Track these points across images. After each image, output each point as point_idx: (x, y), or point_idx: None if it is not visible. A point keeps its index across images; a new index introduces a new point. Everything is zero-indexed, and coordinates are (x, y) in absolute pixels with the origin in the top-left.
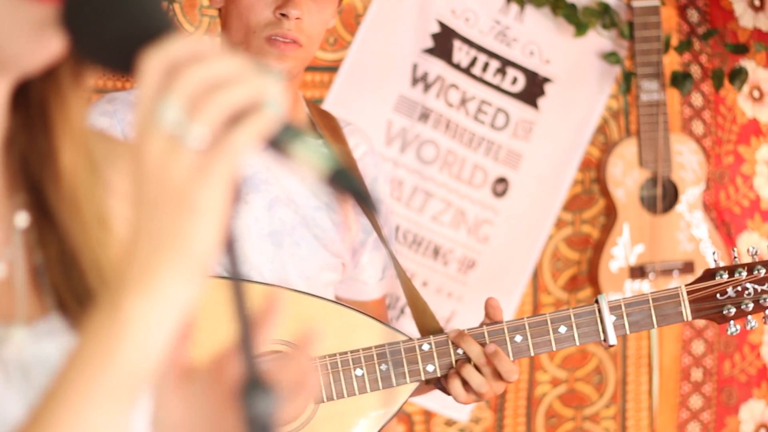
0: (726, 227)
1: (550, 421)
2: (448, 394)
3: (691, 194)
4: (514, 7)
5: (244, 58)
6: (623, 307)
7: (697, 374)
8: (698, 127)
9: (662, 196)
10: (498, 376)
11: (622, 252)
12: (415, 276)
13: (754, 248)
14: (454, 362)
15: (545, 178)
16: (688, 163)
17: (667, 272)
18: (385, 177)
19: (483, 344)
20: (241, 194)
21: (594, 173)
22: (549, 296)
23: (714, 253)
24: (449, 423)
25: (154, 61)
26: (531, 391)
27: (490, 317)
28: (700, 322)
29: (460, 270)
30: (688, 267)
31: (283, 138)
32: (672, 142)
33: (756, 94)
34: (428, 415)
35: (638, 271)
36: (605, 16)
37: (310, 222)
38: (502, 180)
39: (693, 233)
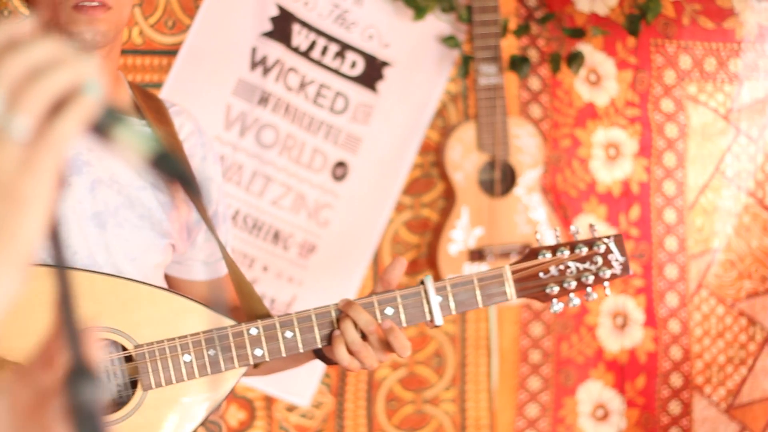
0: (563, 210)
1: (390, 405)
2: (330, 363)
3: (528, 177)
4: None
5: (59, 39)
6: (449, 288)
7: (535, 356)
8: (536, 111)
9: (500, 180)
10: (388, 348)
11: (461, 235)
12: (256, 261)
13: (575, 227)
14: (337, 332)
15: (385, 161)
16: (525, 147)
17: (505, 255)
18: (215, 156)
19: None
20: (65, 178)
21: (433, 157)
22: None
23: (556, 230)
24: (290, 408)
25: None
26: (371, 375)
27: (386, 281)
28: (539, 304)
29: (301, 254)
30: (526, 249)
31: (105, 122)
32: (510, 126)
33: (593, 77)
34: (269, 401)
35: (477, 254)
36: (444, 0)
37: (134, 202)
38: (341, 164)
39: (531, 216)
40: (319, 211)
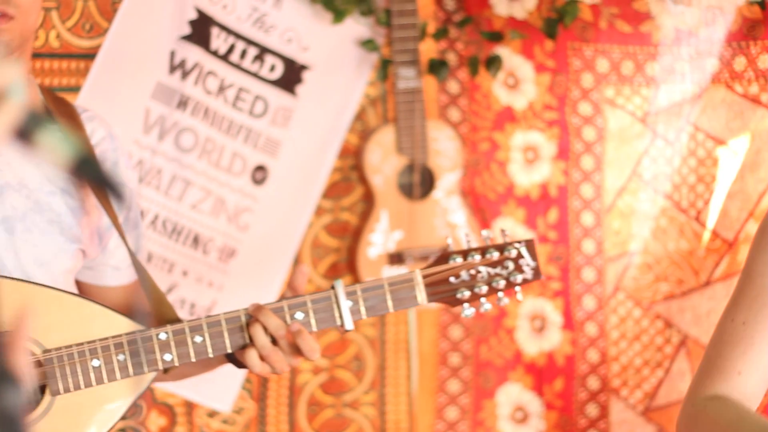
0: (482, 213)
1: (311, 409)
2: (242, 367)
3: (447, 181)
4: None
5: None
6: (359, 293)
7: (454, 359)
8: (454, 114)
9: (419, 183)
10: (298, 352)
11: (380, 239)
12: (176, 265)
13: (487, 232)
14: (247, 337)
15: (304, 165)
16: (444, 150)
17: (424, 258)
18: (127, 161)
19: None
20: None
21: (352, 160)
22: (310, 284)
23: (467, 235)
24: (212, 414)
25: None
26: (293, 380)
27: (293, 288)
28: (469, 313)
29: (221, 259)
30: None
31: (28, 127)
32: (429, 129)
33: (511, 81)
34: (190, 407)
35: (397, 258)
36: (363, 3)
37: (43, 207)
38: (261, 168)
39: (450, 219)
40: (239, 215)
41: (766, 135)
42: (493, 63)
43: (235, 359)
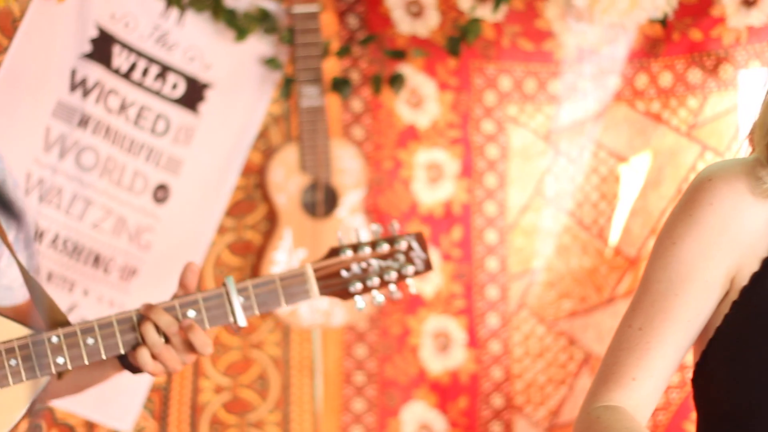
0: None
1: (214, 429)
2: (137, 372)
3: (351, 199)
4: (175, 12)
5: None
6: (251, 288)
7: (359, 377)
8: (358, 133)
9: (323, 201)
10: (191, 348)
11: (284, 257)
12: (76, 285)
13: (377, 227)
14: (139, 337)
15: (207, 184)
16: (348, 168)
17: None
18: (15, 180)
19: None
20: None
21: (256, 178)
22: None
23: (357, 229)
24: None
25: None
26: (195, 399)
27: (184, 287)
28: (363, 326)
29: (122, 278)
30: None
31: None
32: (332, 148)
33: (414, 99)
34: (91, 427)
35: None
36: (266, 21)
37: None
38: (162, 186)
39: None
40: (141, 235)
41: (667, 152)
42: (396, 81)
43: (130, 365)
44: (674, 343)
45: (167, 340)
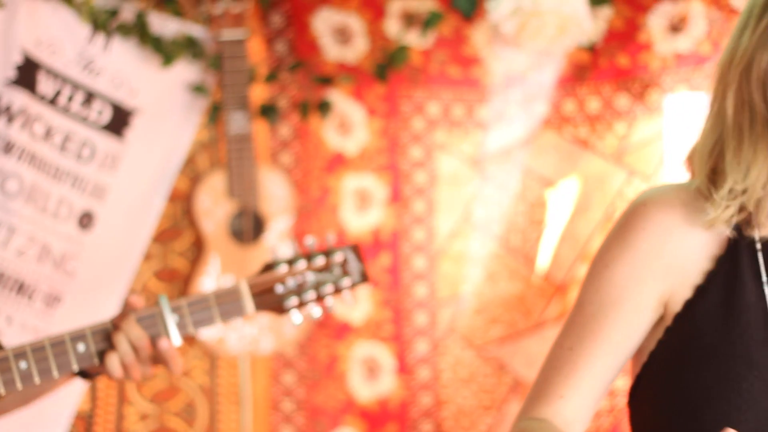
0: None
1: None
2: (91, 378)
3: (279, 226)
4: (101, 38)
5: None
6: (185, 307)
7: (287, 405)
8: (286, 159)
9: (250, 228)
10: (155, 362)
11: (211, 284)
12: (0, 312)
13: (312, 239)
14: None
15: (133, 210)
16: (275, 195)
17: None
18: None
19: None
20: None
21: (182, 205)
22: None
23: (293, 243)
24: None
25: None
26: (119, 426)
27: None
28: (291, 353)
29: (47, 305)
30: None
31: None
32: (259, 174)
33: (342, 125)
34: None
35: None
36: (193, 47)
37: None
38: (88, 213)
39: None
40: (66, 262)
41: (594, 178)
42: (324, 107)
43: (84, 371)
44: (603, 364)
45: (135, 352)
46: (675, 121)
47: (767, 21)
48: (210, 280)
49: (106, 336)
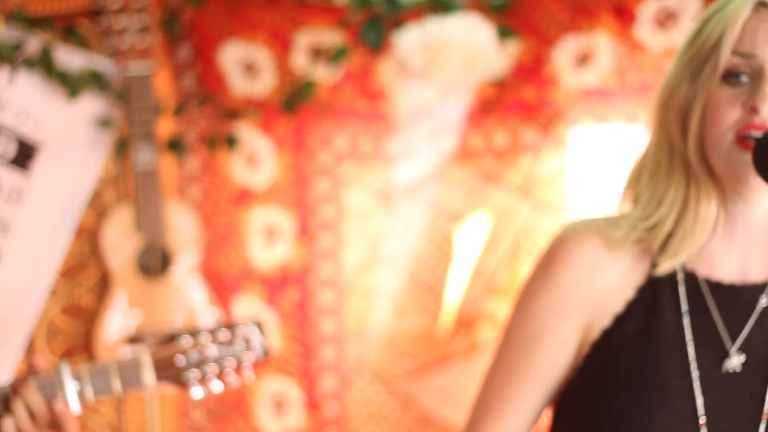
0: (221, 292)
1: None
2: None
3: (186, 260)
4: (6, 72)
5: None
6: (86, 375)
7: None
8: (193, 193)
9: (159, 262)
10: (53, 427)
11: (118, 319)
12: None
13: (218, 311)
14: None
15: (38, 245)
16: (183, 229)
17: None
18: None
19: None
20: None
21: (89, 239)
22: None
23: (199, 315)
24: None
25: None
26: None
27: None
28: (198, 394)
29: None
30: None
31: None
32: (167, 208)
33: (250, 159)
34: None
35: (135, 338)
36: (99, 80)
37: None
38: None
39: (189, 299)
40: None
41: (501, 211)
42: (232, 142)
43: None
44: (531, 399)
45: (32, 418)
46: (580, 154)
47: (687, 57)
48: (117, 315)
49: (4, 400)
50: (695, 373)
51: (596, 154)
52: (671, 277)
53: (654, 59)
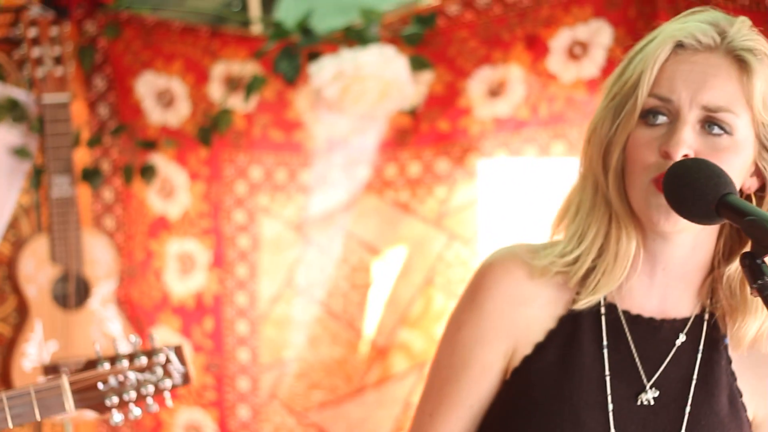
0: (138, 322)
1: None
2: None
3: (103, 290)
4: None
5: None
6: (4, 401)
7: None
8: (109, 223)
9: (75, 292)
10: None
11: (35, 350)
12: None
13: (136, 338)
14: None
15: None
16: (99, 259)
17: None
18: None
19: None
20: None
21: (5, 270)
22: None
23: (116, 341)
24: None
25: None
26: None
27: None
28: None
29: None
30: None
31: None
32: (83, 238)
33: (165, 189)
34: None
35: (52, 369)
36: (14, 110)
37: None
38: None
39: (106, 329)
40: None
41: (416, 241)
42: (148, 171)
43: None
44: (461, 427)
45: None
46: (491, 185)
47: (611, 94)
48: (33, 346)
49: None
50: (611, 405)
51: (507, 186)
52: (593, 309)
53: (565, 90)
